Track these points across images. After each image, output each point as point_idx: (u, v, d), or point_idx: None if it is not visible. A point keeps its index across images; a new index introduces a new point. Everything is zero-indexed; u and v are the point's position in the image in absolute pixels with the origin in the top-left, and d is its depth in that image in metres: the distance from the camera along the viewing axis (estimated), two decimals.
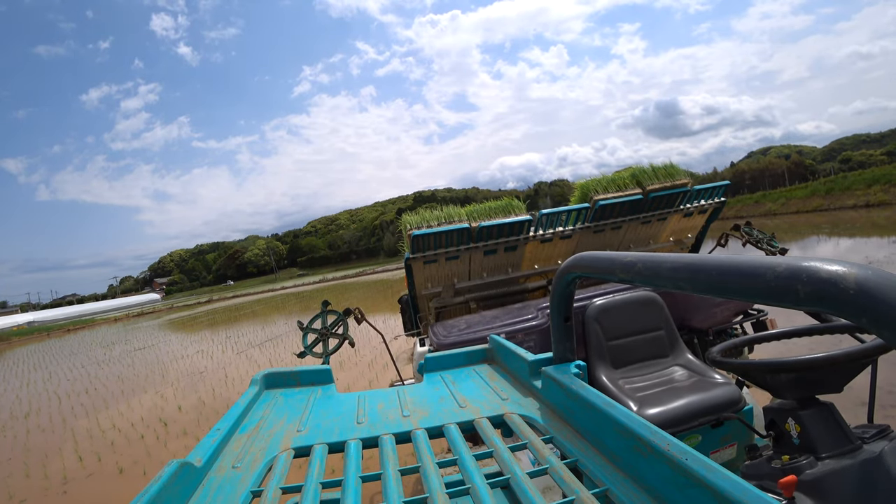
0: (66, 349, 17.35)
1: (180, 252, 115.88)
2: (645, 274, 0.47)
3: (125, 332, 22.30)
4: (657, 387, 1.71)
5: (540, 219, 2.64)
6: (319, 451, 0.61)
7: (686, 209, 2.92)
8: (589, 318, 1.91)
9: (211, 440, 0.60)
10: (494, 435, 0.63)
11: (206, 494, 0.52)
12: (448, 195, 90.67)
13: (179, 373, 8.27)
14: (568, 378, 0.66)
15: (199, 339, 13.94)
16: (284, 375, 0.90)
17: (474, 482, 0.51)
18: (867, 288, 0.27)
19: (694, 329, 2.22)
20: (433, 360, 0.96)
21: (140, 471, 3.90)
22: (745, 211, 27.95)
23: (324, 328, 2.24)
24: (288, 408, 0.78)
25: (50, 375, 10.70)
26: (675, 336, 1.94)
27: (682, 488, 0.42)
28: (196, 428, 4.81)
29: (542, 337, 1.89)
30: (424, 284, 2.70)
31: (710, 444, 1.53)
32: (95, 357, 12.99)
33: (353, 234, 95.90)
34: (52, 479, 4.05)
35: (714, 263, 0.38)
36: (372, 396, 0.82)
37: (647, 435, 0.47)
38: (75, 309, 50.98)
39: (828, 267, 0.29)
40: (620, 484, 0.49)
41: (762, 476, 0.94)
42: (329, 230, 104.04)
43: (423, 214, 2.58)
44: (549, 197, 59.38)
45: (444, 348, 1.78)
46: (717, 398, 1.52)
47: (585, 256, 0.61)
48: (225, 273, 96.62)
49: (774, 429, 1.00)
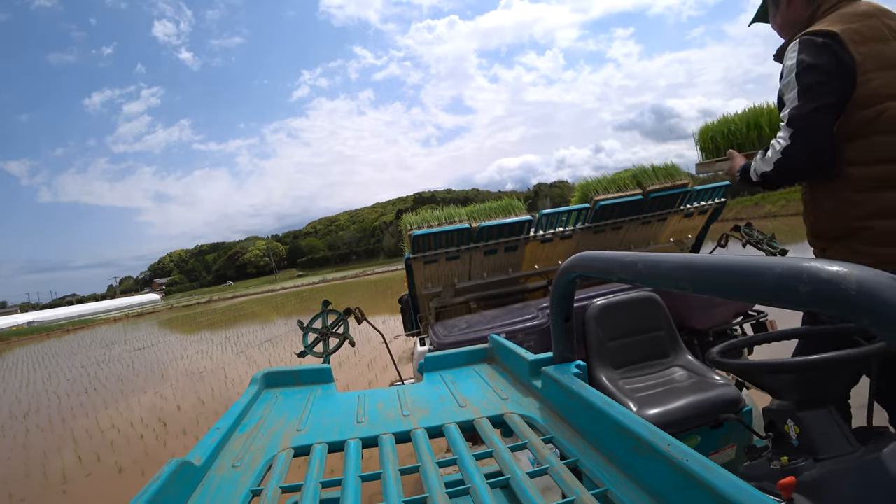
0: (66, 349, 17.34)
1: (180, 252, 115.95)
2: (645, 274, 0.47)
3: (125, 332, 22.29)
4: (657, 387, 1.71)
5: (540, 219, 2.64)
6: (319, 451, 0.61)
7: (686, 210, 2.92)
8: (589, 318, 1.91)
9: (210, 439, 0.60)
10: (494, 435, 0.63)
11: (205, 493, 0.51)
12: (448, 196, 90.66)
13: (179, 373, 8.27)
14: (568, 378, 0.66)
15: (198, 339, 13.93)
16: (284, 375, 0.90)
17: (474, 482, 0.51)
18: (868, 289, 0.27)
19: (694, 330, 2.22)
20: (433, 360, 0.96)
21: (139, 470, 3.90)
22: (745, 212, 27.92)
23: (324, 328, 2.23)
24: (288, 407, 0.78)
25: (49, 375, 10.69)
26: (675, 337, 1.94)
27: (682, 489, 0.42)
28: (195, 428, 4.81)
29: (542, 337, 1.89)
30: (425, 284, 2.70)
31: (709, 445, 1.53)
32: (95, 357, 12.98)
33: (352, 234, 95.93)
34: (52, 479, 4.05)
35: (714, 263, 0.38)
36: (372, 396, 0.82)
37: (646, 435, 0.47)
38: (75, 309, 50.93)
39: (829, 268, 0.29)
40: (620, 484, 0.48)
41: (761, 477, 0.94)
42: (329, 231, 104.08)
43: (423, 214, 2.58)
44: (548, 198, 59.37)
45: (445, 348, 1.78)
46: (717, 399, 1.52)
47: (586, 256, 0.61)
48: (225, 273, 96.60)
49: (774, 430, 1.00)
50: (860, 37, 1.14)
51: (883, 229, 1.15)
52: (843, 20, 1.16)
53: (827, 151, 1.17)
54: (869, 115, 1.13)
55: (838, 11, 1.20)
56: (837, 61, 1.13)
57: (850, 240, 1.21)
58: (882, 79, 1.12)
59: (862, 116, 1.14)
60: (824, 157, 1.18)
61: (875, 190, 1.15)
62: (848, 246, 1.22)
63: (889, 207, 1.14)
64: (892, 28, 1.16)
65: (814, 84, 1.15)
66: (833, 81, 1.14)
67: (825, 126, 1.16)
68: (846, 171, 1.18)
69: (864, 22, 1.15)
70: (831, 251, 1.28)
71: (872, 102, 1.12)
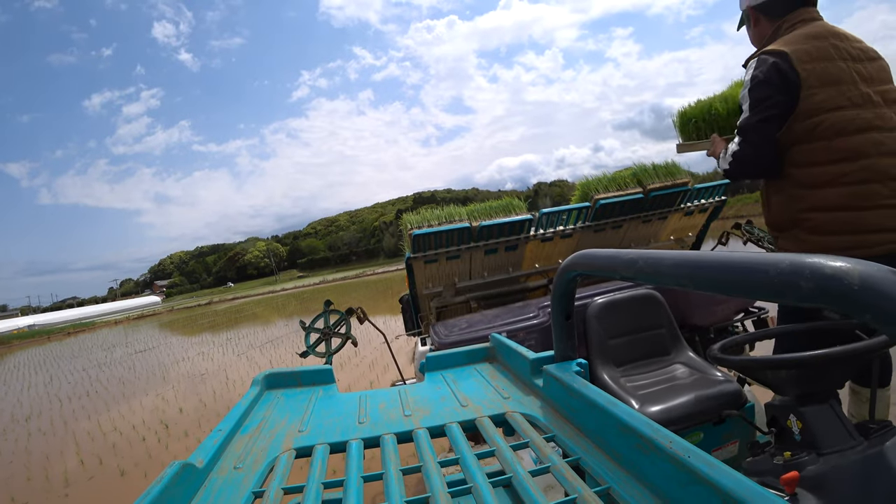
0: (67, 352, 17.35)
1: (180, 254, 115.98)
2: (646, 271, 0.47)
3: (125, 334, 22.30)
4: (659, 384, 1.71)
5: (540, 218, 2.64)
6: (321, 452, 0.61)
7: (687, 208, 2.92)
8: (590, 316, 1.91)
9: (213, 441, 0.60)
10: (496, 434, 0.63)
11: (208, 495, 0.51)
12: (448, 196, 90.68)
13: (180, 375, 8.27)
14: (569, 376, 0.66)
15: (199, 341, 13.93)
16: (286, 376, 0.90)
17: (476, 481, 0.50)
18: (871, 284, 0.27)
19: (695, 327, 2.22)
20: (434, 360, 0.96)
21: (141, 473, 3.90)
22: (746, 210, 27.86)
23: (326, 328, 2.23)
24: (289, 408, 0.78)
25: (51, 378, 10.69)
26: (676, 334, 1.94)
27: (685, 485, 0.42)
28: (197, 430, 4.81)
29: (543, 335, 1.89)
30: (425, 284, 2.70)
31: (711, 442, 1.53)
32: (96, 360, 12.99)
33: (352, 235, 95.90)
34: (54, 482, 4.05)
35: (716, 260, 0.38)
36: (373, 396, 0.82)
37: (648, 433, 0.47)
38: (75, 312, 50.86)
39: (831, 263, 0.29)
40: (623, 482, 0.48)
41: (764, 473, 0.94)
42: (329, 231, 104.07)
43: (423, 214, 2.57)
44: (548, 197, 59.33)
45: (446, 347, 1.78)
46: (719, 395, 1.52)
47: (586, 254, 0.60)
48: (225, 275, 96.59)
49: (776, 425, 1.00)
50: (808, 56, 1.32)
51: (820, 220, 1.35)
52: (795, 41, 1.36)
53: (769, 156, 1.39)
54: (809, 125, 1.32)
55: (794, 32, 1.40)
56: (783, 78, 1.33)
57: (795, 230, 1.41)
58: (824, 93, 1.31)
59: (804, 126, 1.33)
60: (767, 162, 1.41)
61: (813, 188, 1.35)
62: (794, 235, 1.42)
63: (825, 202, 1.33)
64: (838, 48, 1.34)
65: (761, 98, 1.36)
66: (777, 96, 1.34)
67: (768, 135, 1.37)
68: (790, 171, 1.39)
69: (812, 43, 1.34)
70: (781, 239, 1.49)
71: (814, 113, 1.31)
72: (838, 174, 1.30)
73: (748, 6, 1.53)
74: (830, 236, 1.33)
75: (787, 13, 1.44)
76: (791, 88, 1.32)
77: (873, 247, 1.28)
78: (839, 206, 1.31)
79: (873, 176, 1.28)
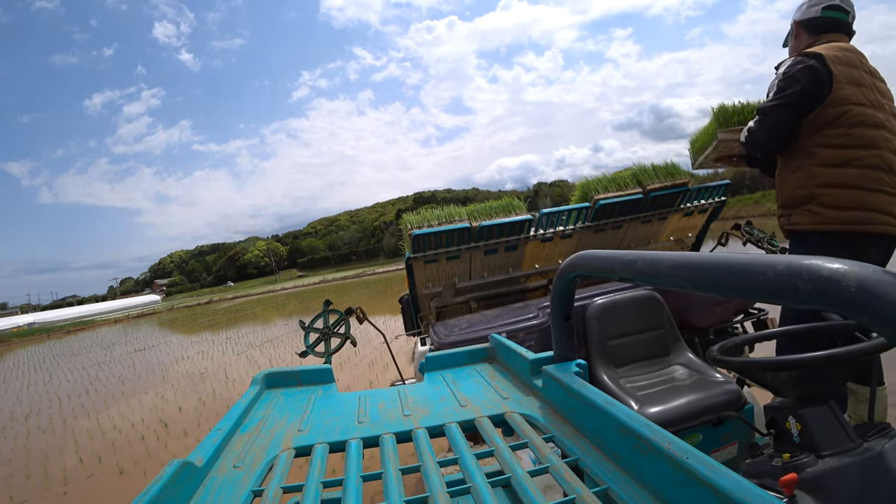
0: (67, 350, 17.34)
1: (181, 253, 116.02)
2: (645, 272, 0.47)
3: (125, 333, 22.30)
4: (658, 386, 1.71)
5: (540, 218, 2.64)
6: (320, 451, 0.61)
7: (686, 208, 2.92)
8: (589, 317, 1.91)
9: (212, 440, 0.60)
10: (495, 434, 0.63)
11: (207, 494, 0.52)
12: (448, 196, 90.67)
13: (180, 374, 8.26)
14: (569, 377, 0.66)
15: (199, 340, 13.93)
16: (285, 375, 0.90)
17: (475, 481, 0.51)
18: (868, 286, 0.27)
19: (694, 328, 2.22)
20: (434, 360, 0.96)
21: (141, 471, 3.90)
22: (746, 211, 27.92)
23: (326, 327, 2.23)
24: (289, 407, 0.78)
25: (50, 377, 10.69)
26: (675, 335, 1.94)
27: (683, 487, 0.42)
28: (196, 428, 4.81)
29: (542, 336, 1.89)
30: (425, 284, 2.70)
31: (710, 443, 1.53)
32: (96, 358, 12.98)
33: (352, 235, 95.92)
34: (53, 480, 4.05)
35: (714, 261, 0.38)
36: (373, 396, 0.82)
37: (647, 434, 0.47)
38: (75, 310, 50.89)
39: (829, 265, 0.29)
40: (621, 482, 0.48)
41: (763, 474, 0.94)
42: (329, 231, 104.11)
43: (423, 214, 2.57)
44: (548, 197, 59.29)
45: (445, 347, 1.78)
46: (718, 397, 1.52)
47: (586, 255, 0.60)
48: (225, 274, 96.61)
49: (775, 427, 1.00)
50: (838, 60, 1.57)
51: (831, 196, 1.57)
52: (828, 49, 1.61)
53: (778, 136, 1.65)
54: (838, 112, 1.55)
55: (828, 44, 1.65)
56: (816, 74, 1.55)
57: (809, 203, 1.62)
58: (850, 90, 1.55)
59: (833, 112, 1.56)
60: (777, 139, 1.66)
61: (831, 167, 1.57)
62: (808, 209, 1.62)
63: (840, 180, 1.56)
64: (862, 63, 1.62)
65: (785, 87, 1.60)
66: (798, 86, 1.57)
67: (780, 118, 1.62)
68: (815, 150, 1.60)
69: (843, 52, 1.60)
70: (795, 214, 1.68)
71: (842, 103, 1.55)
72: (854, 157, 1.54)
73: (794, 20, 1.78)
74: (840, 211, 1.55)
75: (825, 33, 1.70)
76: (823, 81, 1.55)
77: (868, 224, 1.52)
78: (850, 185, 1.53)
79: (881, 164, 1.53)
